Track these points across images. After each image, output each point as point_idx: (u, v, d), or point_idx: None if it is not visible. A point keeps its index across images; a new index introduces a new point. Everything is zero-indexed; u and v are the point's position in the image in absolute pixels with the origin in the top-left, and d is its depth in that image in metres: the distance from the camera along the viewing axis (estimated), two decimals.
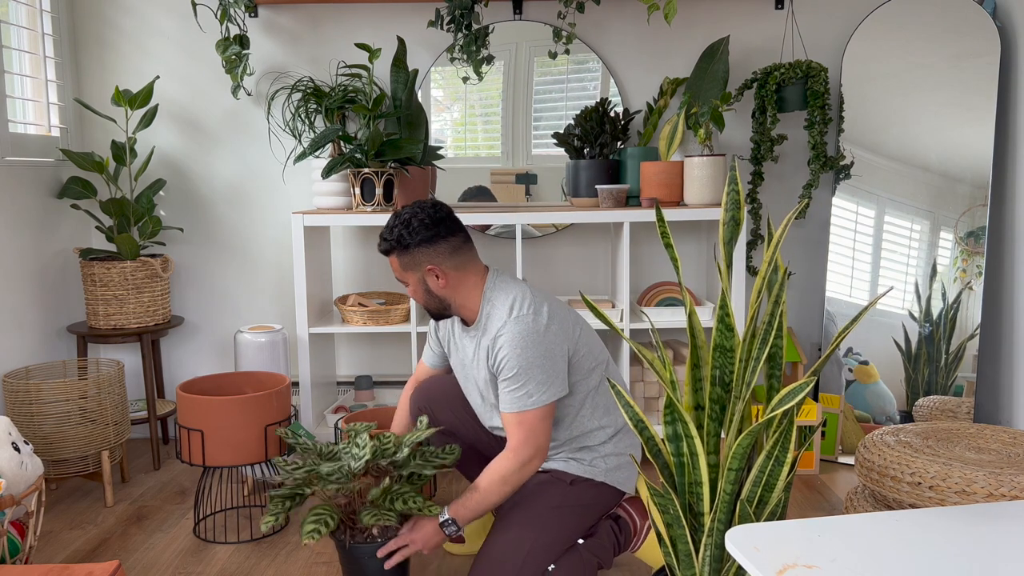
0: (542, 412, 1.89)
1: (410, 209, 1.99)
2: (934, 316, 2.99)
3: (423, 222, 1.96)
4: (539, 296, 1.96)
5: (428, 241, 1.95)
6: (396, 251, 1.98)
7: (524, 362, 1.86)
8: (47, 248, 3.05)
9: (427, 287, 2.00)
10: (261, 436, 2.40)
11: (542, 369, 1.87)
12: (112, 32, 3.25)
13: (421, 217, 1.96)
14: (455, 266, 1.98)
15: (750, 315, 1.48)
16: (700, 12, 3.22)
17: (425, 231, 1.95)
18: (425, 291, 2.00)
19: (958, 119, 2.98)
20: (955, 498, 2.01)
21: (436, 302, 2.02)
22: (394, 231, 1.97)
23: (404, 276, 2.02)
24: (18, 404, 2.60)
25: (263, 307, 3.38)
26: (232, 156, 3.31)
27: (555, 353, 1.89)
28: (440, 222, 1.97)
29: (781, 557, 1.16)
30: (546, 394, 1.87)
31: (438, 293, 2.00)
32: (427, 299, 2.02)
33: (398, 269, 2.02)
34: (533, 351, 1.86)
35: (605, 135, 3.04)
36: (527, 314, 1.89)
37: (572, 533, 1.95)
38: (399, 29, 3.20)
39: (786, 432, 1.42)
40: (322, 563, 2.31)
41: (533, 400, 1.87)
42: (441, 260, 1.97)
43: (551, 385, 1.88)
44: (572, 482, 1.95)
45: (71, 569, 1.60)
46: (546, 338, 1.88)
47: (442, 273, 1.97)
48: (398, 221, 1.98)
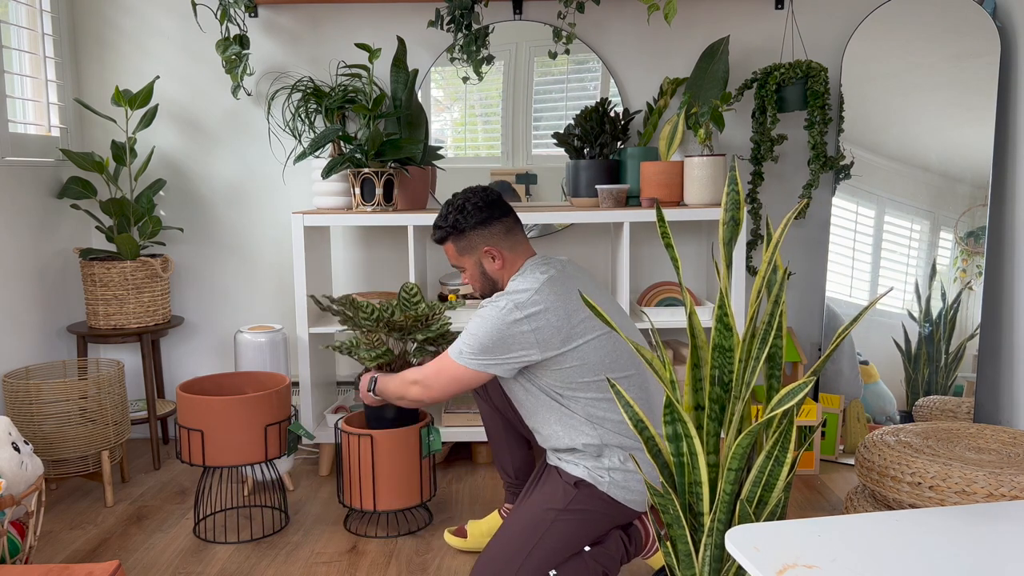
0: (453, 363, 1.96)
1: (462, 195, 2.06)
2: (934, 316, 2.99)
3: (476, 205, 2.02)
4: (545, 300, 1.93)
5: (483, 223, 2.02)
6: (452, 236, 2.05)
7: (474, 328, 1.93)
8: (47, 248, 3.05)
9: (483, 269, 2.06)
10: (261, 436, 2.40)
11: (480, 343, 1.92)
12: (112, 32, 3.25)
13: (475, 201, 2.02)
14: (509, 247, 2.05)
15: (750, 315, 1.48)
16: (700, 12, 3.22)
17: (479, 213, 2.01)
18: (482, 274, 2.07)
19: (958, 119, 2.98)
20: (955, 498, 2.01)
21: (491, 284, 2.08)
22: (448, 218, 2.03)
23: (461, 261, 2.08)
24: (18, 404, 2.60)
25: (263, 307, 3.38)
26: (232, 156, 3.31)
27: (508, 345, 1.91)
28: (493, 204, 2.04)
29: (781, 557, 1.16)
30: (471, 359, 1.93)
31: (493, 275, 2.06)
32: (483, 282, 2.08)
33: (454, 255, 2.08)
34: (489, 327, 1.91)
35: (605, 135, 3.04)
36: (507, 306, 1.92)
37: (577, 539, 1.93)
38: (399, 29, 3.20)
39: (786, 432, 1.42)
40: (322, 563, 2.31)
41: (458, 351, 1.95)
42: (496, 241, 2.03)
43: (473, 357, 1.93)
44: (576, 484, 1.94)
45: (71, 569, 1.60)
46: (508, 330, 1.90)
47: (498, 254, 2.03)
48: (451, 208, 2.04)
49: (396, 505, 2.42)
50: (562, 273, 1.99)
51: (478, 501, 2.73)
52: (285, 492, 2.69)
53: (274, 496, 2.76)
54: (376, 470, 2.38)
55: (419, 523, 2.54)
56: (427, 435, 2.42)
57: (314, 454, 3.13)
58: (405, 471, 2.41)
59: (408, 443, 2.40)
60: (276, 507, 2.66)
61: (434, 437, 2.42)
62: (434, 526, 2.54)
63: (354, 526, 2.53)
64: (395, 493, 2.41)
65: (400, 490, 2.41)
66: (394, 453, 2.38)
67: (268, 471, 2.67)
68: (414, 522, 2.55)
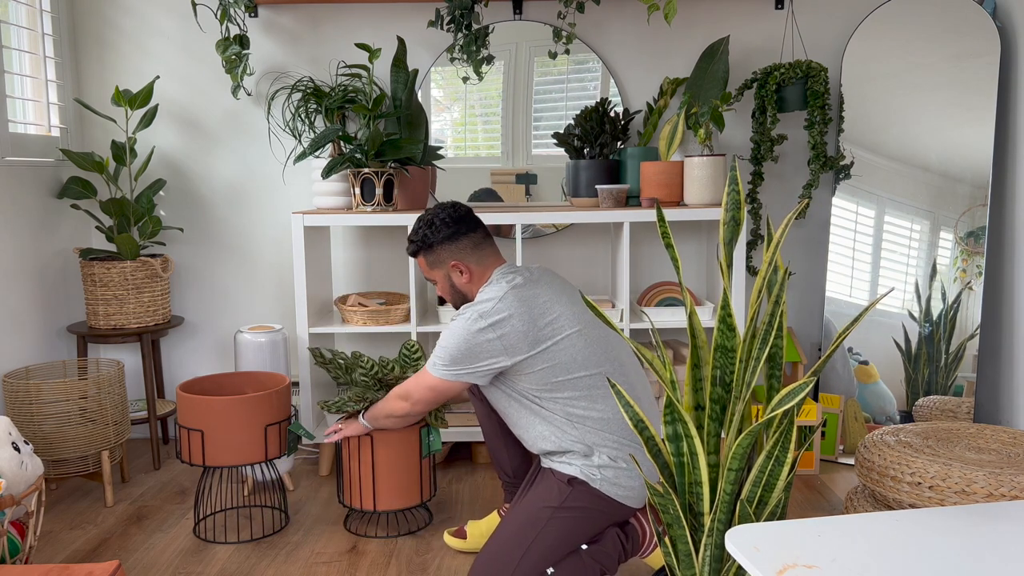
0: (430, 376, 2.06)
1: (432, 210, 2.13)
2: (934, 316, 2.99)
3: (444, 220, 2.09)
4: (508, 307, 1.97)
5: (450, 238, 2.09)
6: (422, 251, 2.12)
7: (444, 342, 2.01)
8: (47, 248, 3.05)
9: (452, 283, 2.12)
10: (261, 436, 2.40)
11: (451, 355, 1.99)
12: (112, 32, 3.25)
13: (442, 216, 2.10)
14: (476, 260, 2.10)
15: (750, 315, 1.48)
16: (700, 12, 3.22)
17: (447, 228, 2.09)
18: (451, 286, 2.13)
19: (958, 119, 2.98)
20: (955, 498, 2.01)
21: (460, 297, 2.14)
22: (419, 232, 2.11)
23: (431, 274, 2.15)
24: (18, 404, 2.60)
25: (263, 307, 3.38)
26: (232, 156, 3.31)
27: (476, 354, 1.96)
28: (460, 220, 2.10)
29: (781, 557, 1.16)
30: (444, 370, 2.01)
31: (462, 288, 2.12)
32: (453, 294, 2.15)
33: (425, 268, 2.15)
34: (458, 338, 1.98)
35: (605, 135, 3.04)
36: (472, 316, 1.98)
37: (574, 537, 1.94)
38: (399, 29, 3.20)
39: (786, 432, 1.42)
40: (322, 563, 2.31)
41: (432, 363, 2.04)
42: (464, 255, 2.10)
43: (446, 368, 2.01)
44: (569, 481, 1.95)
45: (71, 569, 1.60)
46: (475, 339, 1.96)
47: (465, 268, 2.10)
48: (421, 223, 2.11)
49: (396, 505, 2.42)
50: (528, 279, 2.04)
51: (478, 501, 2.73)
52: (285, 492, 2.69)
53: (274, 496, 2.76)
54: (376, 470, 2.38)
55: (419, 523, 2.54)
56: (427, 435, 2.42)
57: (314, 454, 3.13)
58: (405, 471, 2.41)
59: (408, 443, 2.40)
60: (276, 507, 2.66)
61: (434, 437, 2.43)
62: (434, 526, 2.54)
63: (354, 526, 2.53)
64: (395, 493, 2.41)
65: (400, 490, 2.42)
66: (394, 453, 2.39)
67: (268, 471, 2.67)
68: (414, 522, 2.55)
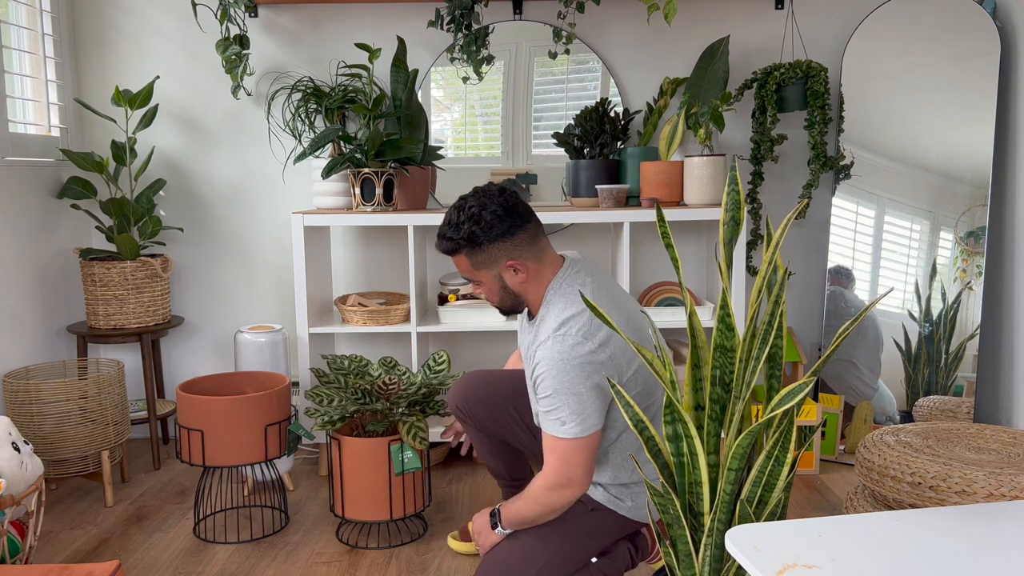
0: (576, 444, 1.72)
1: (475, 200, 1.78)
2: (934, 316, 2.99)
3: (496, 214, 1.76)
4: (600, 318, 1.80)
5: (504, 235, 1.76)
6: (465, 249, 1.79)
7: (559, 385, 1.70)
8: (47, 248, 3.05)
9: (504, 284, 1.83)
10: (261, 436, 2.40)
11: (578, 399, 1.69)
12: (112, 32, 3.25)
13: (493, 208, 1.76)
14: (535, 256, 1.81)
15: (750, 315, 1.48)
16: (700, 12, 3.22)
17: (500, 224, 1.76)
18: (502, 288, 1.84)
19: (958, 119, 2.98)
20: (955, 498, 2.01)
21: (512, 299, 1.86)
22: (462, 228, 1.76)
23: (476, 275, 1.84)
24: (18, 404, 2.60)
25: (263, 307, 3.38)
26: (232, 156, 3.31)
27: (597, 384, 1.71)
28: (514, 210, 1.78)
29: (781, 557, 1.16)
30: (580, 426, 1.71)
31: (516, 289, 1.83)
32: (503, 297, 1.86)
33: (467, 269, 1.83)
34: (571, 376, 1.69)
35: (605, 135, 3.04)
36: (574, 334, 1.71)
37: (585, 555, 1.88)
38: (399, 29, 3.20)
39: (786, 432, 1.42)
40: (322, 563, 2.31)
41: (566, 428, 1.71)
42: (521, 253, 1.79)
43: (586, 418, 1.70)
44: (593, 509, 1.86)
45: (71, 569, 1.60)
46: (588, 367, 1.69)
47: (522, 267, 1.80)
48: (465, 216, 1.76)
49: (365, 517, 2.36)
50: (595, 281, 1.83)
51: (478, 501, 2.73)
52: (285, 492, 2.69)
53: (274, 496, 2.76)
54: (344, 479, 2.34)
55: (412, 534, 2.53)
56: (399, 452, 2.30)
57: (314, 454, 3.13)
58: (372, 484, 2.33)
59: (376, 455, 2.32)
60: (276, 507, 2.66)
61: (410, 456, 2.30)
62: (434, 526, 2.53)
63: (345, 536, 2.49)
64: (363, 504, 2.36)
65: (368, 502, 2.35)
66: (362, 464, 2.33)
67: (268, 471, 2.67)
68: (406, 534, 2.54)
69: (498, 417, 2.12)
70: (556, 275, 1.83)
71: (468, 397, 2.15)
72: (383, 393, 2.36)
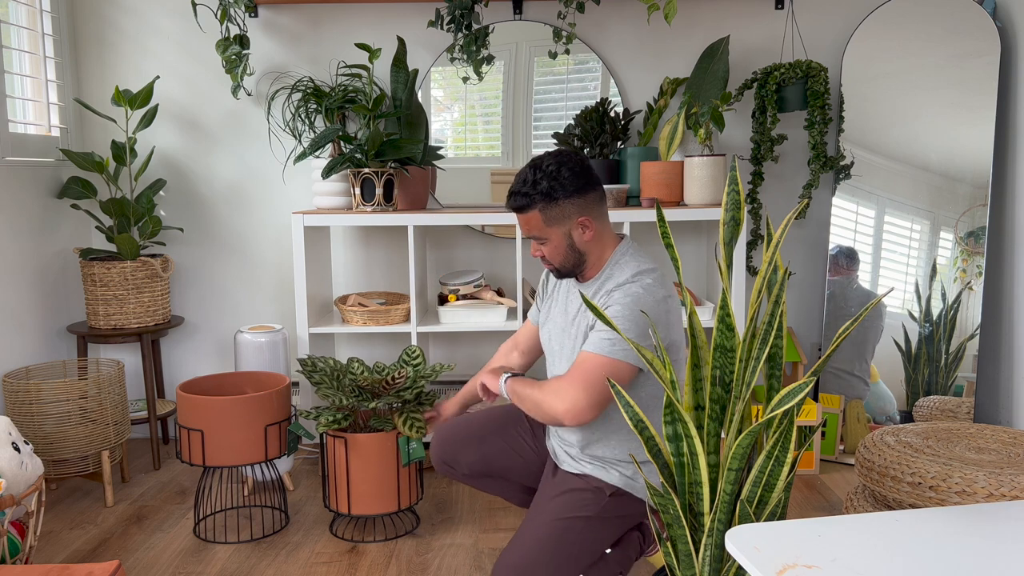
0: (607, 364, 1.76)
1: (553, 159, 1.86)
2: (934, 316, 2.99)
3: (574, 171, 1.84)
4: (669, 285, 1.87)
5: (580, 191, 1.84)
6: (540, 204, 1.84)
7: (629, 313, 1.77)
8: (47, 248, 3.05)
9: (571, 242, 1.88)
10: (261, 436, 2.40)
11: (639, 330, 1.76)
12: (112, 32, 3.25)
13: (571, 166, 1.85)
14: (601, 219, 1.90)
15: (750, 315, 1.48)
16: (700, 12, 3.22)
17: (577, 181, 1.84)
18: (569, 246, 1.88)
19: (958, 119, 2.98)
20: (955, 498, 2.01)
21: (575, 257, 1.90)
22: (539, 184, 1.83)
23: (545, 232, 1.88)
24: (18, 404, 2.60)
25: (263, 307, 3.38)
26: (232, 156, 3.31)
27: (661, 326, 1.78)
28: (589, 171, 1.88)
29: (781, 557, 1.16)
30: (627, 352, 1.75)
31: (582, 247, 1.89)
32: (567, 255, 1.90)
33: (538, 225, 1.87)
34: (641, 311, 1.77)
35: (605, 135, 3.04)
36: (654, 285, 1.81)
37: (603, 543, 1.90)
38: (399, 29, 3.20)
39: (786, 432, 1.42)
40: (322, 563, 2.31)
41: (614, 349, 1.76)
42: (591, 211, 1.87)
43: (631, 352, 1.75)
44: (612, 494, 1.88)
45: (71, 569, 1.60)
46: (661, 311, 1.79)
47: (591, 224, 1.86)
48: (542, 173, 1.84)
49: (372, 510, 2.39)
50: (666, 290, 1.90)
51: (478, 501, 2.73)
52: (285, 492, 2.69)
53: (274, 496, 2.76)
54: (351, 475, 2.36)
55: (406, 527, 2.53)
56: (406, 444, 2.36)
57: (314, 454, 3.13)
58: (379, 478, 2.36)
59: (384, 450, 2.36)
60: (276, 507, 2.66)
61: (415, 446, 2.36)
62: (434, 526, 2.53)
63: (340, 530, 2.50)
64: (370, 498, 2.38)
65: (375, 496, 2.38)
66: (370, 458, 2.36)
67: (268, 471, 2.67)
68: (402, 526, 2.54)
69: (487, 449, 2.12)
70: (621, 242, 1.93)
71: (447, 448, 2.14)
72: (387, 389, 2.36)
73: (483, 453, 2.11)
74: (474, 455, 2.11)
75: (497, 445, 2.12)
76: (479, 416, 2.20)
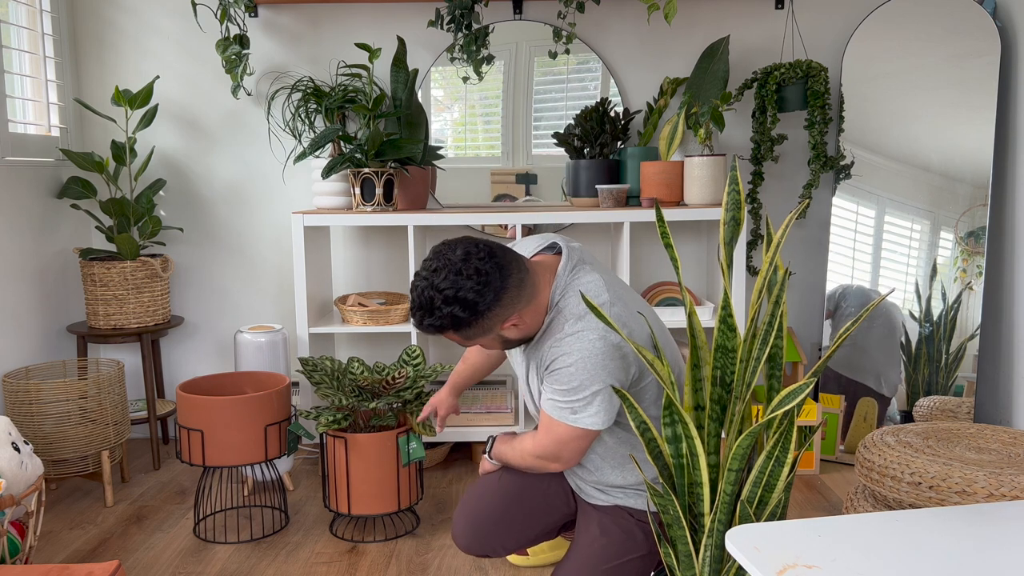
0: (579, 434, 1.69)
1: (447, 279, 1.60)
2: (934, 316, 2.99)
3: (479, 283, 1.60)
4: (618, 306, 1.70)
5: (494, 302, 1.62)
6: (452, 330, 1.66)
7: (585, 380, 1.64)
8: (47, 248, 3.05)
9: (504, 338, 1.73)
10: (261, 436, 2.40)
11: (598, 396, 1.65)
12: (112, 32, 3.25)
13: (473, 276, 1.60)
14: (528, 299, 1.69)
15: (750, 315, 1.48)
16: (700, 12, 3.22)
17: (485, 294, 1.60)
18: (503, 342, 1.75)
19: (958, 119, 2.98)
20: (955, 498, 2.01)
21: (517, 342, 1.78)
22: (441, 310, 1.61)
23: (472, 342, 1.73)
24: (18, 404, 2.60)
25: (263, 307, 3.38)
26: (232, 156, 3.31)
27: (615, 379, 1.66)
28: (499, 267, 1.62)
29: (781, 557, 1.16)
30: (591, 419, 1.67)
31: (517, 338, 1.74)
32: (505, 345, 1.77)
33: (463, 341, 1.72)
34: (597, 372, 1.63)
35: (605, 135, 3.04)
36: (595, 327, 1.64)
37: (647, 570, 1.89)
38: (399, 29, 3.20)
39: (786, 432, 1.42)
40: (322, 563, 2.31)
41: (577, 418, 1.67)
42: (514, 307, 1.66)
43: (598, 414, 1.67)
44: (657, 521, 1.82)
45: (71, 569, 1.60)
46: (612, 364, 1.64)
47: (519, 318, 1.69)
48: (441, 299, 1.60)
49: (372, 510, 2.39)
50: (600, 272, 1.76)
51: None
52: (285, 492, 2.69)
53: (274, 496, 2.76)
54: (351, 475, 2.36)
55: (406, 527, 2.53)
56: (406, 443, 2.36)
57: (314, 454, 3.13)
58: (379, 478, 2.37)
59: (385, 450, 2.36)
60: (276, 507, 2.66)
61: (415, 445, 2.36)
62: (434, 526, 2.53)
63: (340, 530, 2.51)
64: (370, 498, 2.38)
65: (375, 496, 2.38)
66: (370, 458, 2.36)
67: (268, 471, 2.67)
68: (401, 527, 2.54)
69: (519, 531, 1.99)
70: (554, 282, 1.73)
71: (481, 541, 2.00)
72: (387, 389, 2.37)
73: (515, 532, 1.98)
74: (508, 537, 1.99)
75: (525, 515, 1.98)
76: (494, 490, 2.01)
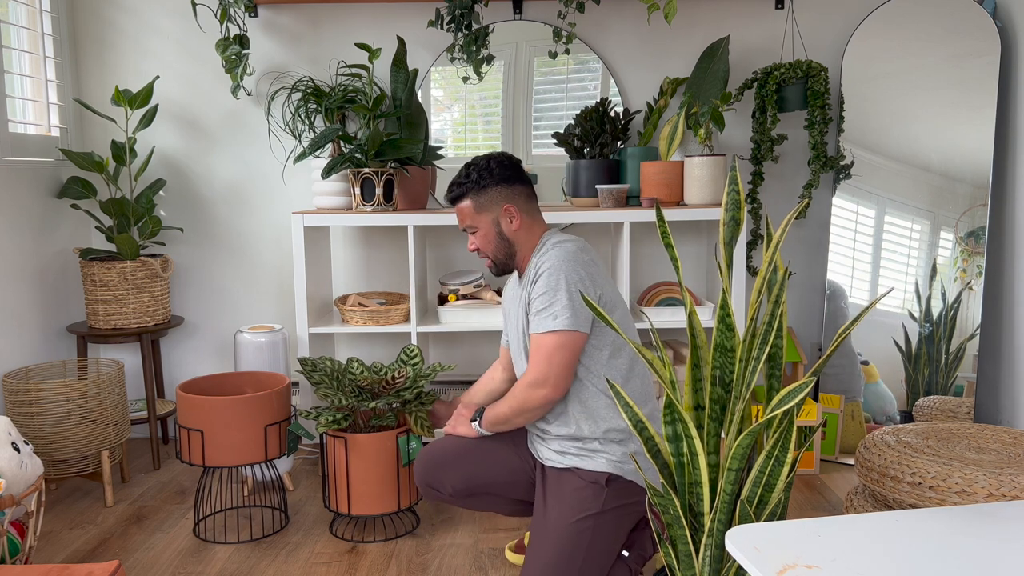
0: (562, 339, 1.89)
1: (484, 157, 2.06)
2: (934, 316, 2.99)
3: (501, 163, 2.03)
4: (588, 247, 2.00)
5: (506, 181, 2.02)
6: (472, 193, 2.02)
7: (557, 281, 1.90)
8: (47, 248, 3.05)
9: (500, 229, 2.03)
10: (261, 436, 2.40)
11: (570, 296, 1.88)
12: (112, 32, 3.25)
13: (499, 159, 2.04)
14: (528, 211, 2.04)
15: (750, 315, 1.48)
16: (700, 12, 3.22)
17: (503, 171, 2.02)
18: (497, 234, 2.04)
19: (958, 119, 2.98)
20: (955, 498, 2.01)
21: (506, 247, 2.05)
22: (471, 175, 2.02)
23: (476, 220, 2.04)
24: (18, 404, 2.60)
25: (263, 307, 3.38)
26: (232, 156, 3.31)
27: (587, 284, 1.91)
28: (517, 167, 2.06)
29: (781, 557, 1.16)
30: (570, 319, 1.88)
31: (510, 235, 2.03)
32: (497, 244, 2.05)
33: (470, 214, 2.04)
34: (568, 273, 1.90)
35: (605, 135, 3.04)
36: (570, 243, 1.95)
37: (618, 538, 1.93)
38: (399, 29, 3.20)
39: (786, 432, 1.42)
40: (322, 563, 2.31)
41: (557, 322, 1.88)
42: (516, 201, 2.03)
43: (576, 314, 1.88)
44: (607, 482, 1.91)
45: (71, 569, 1.60)
46: (584, 267, 1.91)
47: (517, 213, 2.02)
48: (472, 168, 2.03)
49: (372, 510, 2.39)
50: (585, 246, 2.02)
51: None
52: (285, 492, 2.69)
53: (274, 496, 2.76)
54: (350, 475, 2.36)
55: (406, 527, 2.54)
56: (406, 443, 2.36)
57: (314, 454, 3.13)
58: (379, 478, 2.37)
59: (384, 450, 2.37)
60: (276, 507, 2.66)
61: (415, 445, 2.36)
62: (434, 526, 2.53)
63: (340, 530, 2.51)
64: (370, 499, 2.38)
65: (375, 496, 2.38)
66: (370, 458, 2.36)
67: (268, 471, 2.67)
68: (400, 527, 2.54)
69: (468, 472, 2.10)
70: (546, 231, 2.07)
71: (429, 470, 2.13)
72: (386, 389, 2.36)
73: (466, 472, 2.08)
74: (457, 475, 2.08)
75: (479, 461, 2.09)
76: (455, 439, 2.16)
